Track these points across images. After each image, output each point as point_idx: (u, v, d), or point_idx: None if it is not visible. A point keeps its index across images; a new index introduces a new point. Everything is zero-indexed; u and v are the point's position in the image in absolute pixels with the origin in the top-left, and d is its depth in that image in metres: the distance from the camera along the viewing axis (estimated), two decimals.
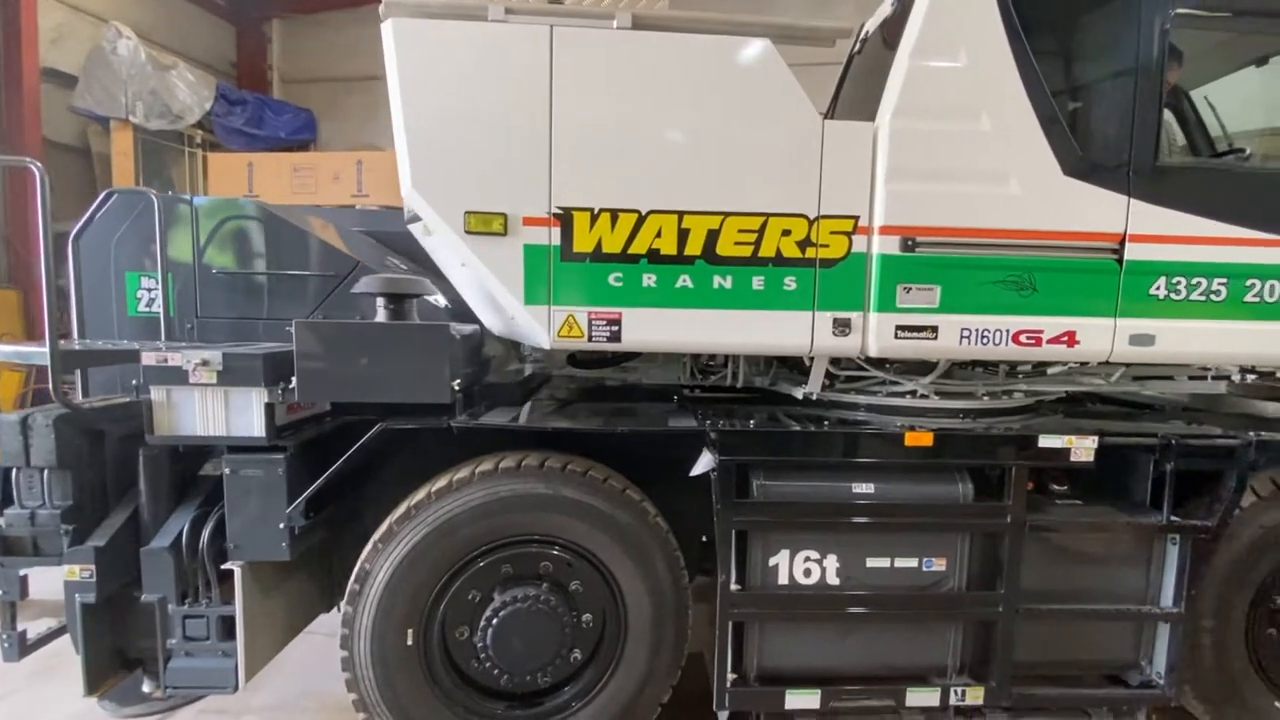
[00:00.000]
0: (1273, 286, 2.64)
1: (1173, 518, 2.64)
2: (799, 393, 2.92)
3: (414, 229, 2.69)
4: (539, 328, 2.47)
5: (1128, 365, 2.91)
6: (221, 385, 2.37)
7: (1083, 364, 2.83)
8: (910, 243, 2.50)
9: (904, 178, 2.48)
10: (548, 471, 2.52)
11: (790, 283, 2.51)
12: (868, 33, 3.18)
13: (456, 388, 2.47)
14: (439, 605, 2.54)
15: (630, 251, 2.45)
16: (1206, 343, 2.66)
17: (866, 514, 2.60)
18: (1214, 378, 3.17)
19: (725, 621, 2.58)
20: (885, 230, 2.49)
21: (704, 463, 2.55)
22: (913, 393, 2.89)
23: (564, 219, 2.42)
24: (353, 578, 2.51)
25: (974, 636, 2.72)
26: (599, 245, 2.44)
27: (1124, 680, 2.82)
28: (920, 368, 2.88)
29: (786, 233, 2.49)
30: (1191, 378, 3.17)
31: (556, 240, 2.43)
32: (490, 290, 2.49)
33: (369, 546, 2.52)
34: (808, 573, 2.63)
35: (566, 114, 2.39)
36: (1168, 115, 2.85)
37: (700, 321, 2.51)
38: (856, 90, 3.19)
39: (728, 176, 2.47)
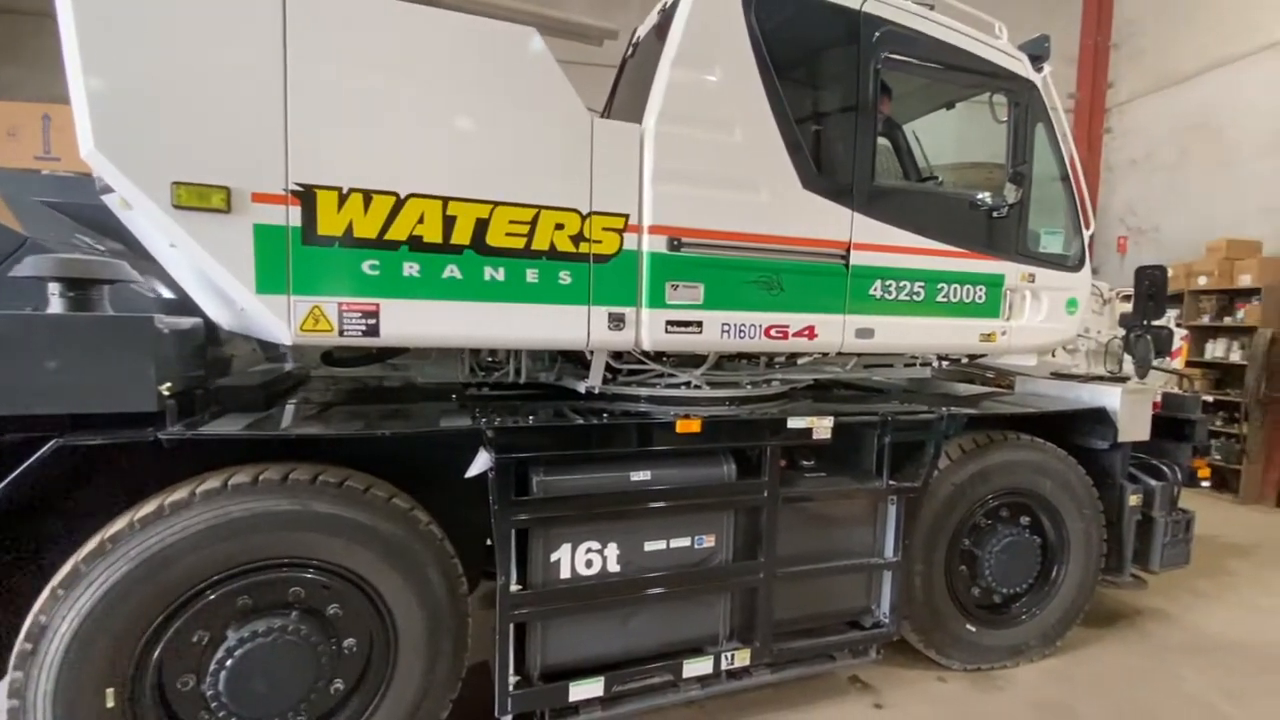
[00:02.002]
0: (955, 289, 3.26)
1: (891, 481, 3.13)
2: (582, 387, 2.95)
3: (108, 200, 2.20)
4: (276, 320, 2.16)
5: (859, 355, 3.41)
6: None
7: (824, 354, 3.23)
8: (676, 243, 2.65)
9: (668, 180, 2.61)
10: (293, 485, 2.22)
11: (565, 277, 2.51)
12: (639, 38, 3.32)
13: (166, 393, 2.06)
14: (150, 654, 2.11)
15: (388, 237, 2.26)
16: (912, 335, 3.21)
17: (644, 500, 2.70)
18: (922, 364, 3.86)
19: (506, 624, 2.51)
20: (654, 230, 2.61)
21: (480, 463, 2.45)
22: (687, 383, 3.09)
23: (305, 197, 2.15)
24: (22, 636, 1.99)
25: (740, 603, 2.97)
26: (350, 229, 2.21)
27: (860, 624, 3.29)
28: (694, 360, 3.07)
29: (560, 226, 2.49)
30: (906, 365, 3.83)
31: (296, 221, 2.14)
32: (211, 276, 2.13)
33: (44, 595, 2.01)
34: (589, 564, 2.66)
35: (305, 79, 2.12)
36: (884, 143, 3.40)
37: (471, 314, 2.39)
38: (629, 93, 3.31)
39: (495, 165, 2.39)
